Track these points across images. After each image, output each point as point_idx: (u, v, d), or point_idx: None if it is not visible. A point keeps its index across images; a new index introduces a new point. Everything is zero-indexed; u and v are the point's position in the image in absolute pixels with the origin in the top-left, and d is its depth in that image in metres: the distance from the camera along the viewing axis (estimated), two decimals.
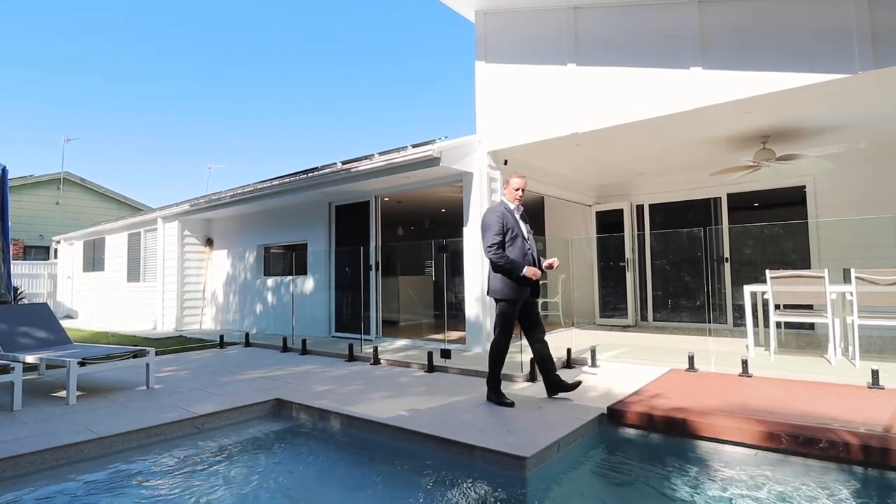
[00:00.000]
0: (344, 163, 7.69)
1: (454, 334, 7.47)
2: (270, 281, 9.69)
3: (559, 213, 10.17)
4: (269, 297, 9.59)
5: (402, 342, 7.41)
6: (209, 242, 11.05)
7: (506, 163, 6.90)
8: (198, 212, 10.21)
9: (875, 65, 4.42)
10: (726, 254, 8.66)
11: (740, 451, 3.20)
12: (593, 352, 5.48)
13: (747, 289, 5.86)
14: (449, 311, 8.60)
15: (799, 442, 3.05)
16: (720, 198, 8.79)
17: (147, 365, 5.00)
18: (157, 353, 5.33)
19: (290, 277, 9.13)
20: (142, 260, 11.67)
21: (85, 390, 4.91)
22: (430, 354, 5.49)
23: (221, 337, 8.05)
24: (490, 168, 6.72)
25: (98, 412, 4.13)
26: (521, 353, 5.21)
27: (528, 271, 4.13)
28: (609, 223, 9.57)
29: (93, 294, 13.67)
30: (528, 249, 4.27)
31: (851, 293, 5.09)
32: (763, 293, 5.72)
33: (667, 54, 5.44)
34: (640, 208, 9.52)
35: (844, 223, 7.42)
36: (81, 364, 4.56)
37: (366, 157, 7.32)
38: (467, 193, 6.69)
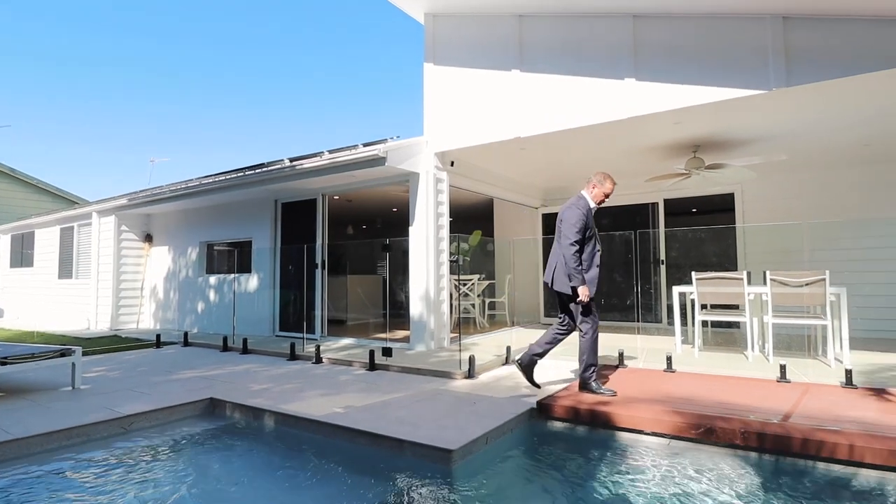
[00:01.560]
0: (291, 160, 7.59)
1: (401, 333, 7.53)
2: (213, 279, 9.43)
3: (507, 214, 10.39)
4: (212, 296, 9.33)
5: (347, 341, 7.40)
6: (148, 238, 10.63)
7: (452, 164, 7.01)
8: (137, 206, 9.81)
9: (788, 82, 4.79)
10: (662, 256, 9.11)
11: (656, 441, 3.41)
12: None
13: (676, 289, 6.21)
14: (396, 310, 8.64)
15: (708, 431, 3.28)
16: (657, 203, 9.23)
17: (73, 365, 4.80)
18: (86, 353, 5.13)
19: (233, 275, 8.92)
20: (75, 256, 11.10)
21: (5, 391, 4.66)
22: (371, 353, 5.52)
23: (158, 336, 7.78)
24: (437, 169, 6.81)
25: (17, 413, 3.94)
26: (459, 351, 5.32)
27: (581, 291, 4.07)
28: (554, 225, 9.84)
29: (20, 292, 12.87)
30: (597, 251, 4.33)
31: (767, 294, 5.49)
32: (690, 294, 6.07)
33: (604, 65, 5.70)
34: None
35: (765, 228, 7.97)
36: (1, 363, 4.33)
37: (314, 155, 7.26)
38: (413, 193, 6.75)
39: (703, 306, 6.28)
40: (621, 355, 5.36)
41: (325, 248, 7.91)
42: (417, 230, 6.67)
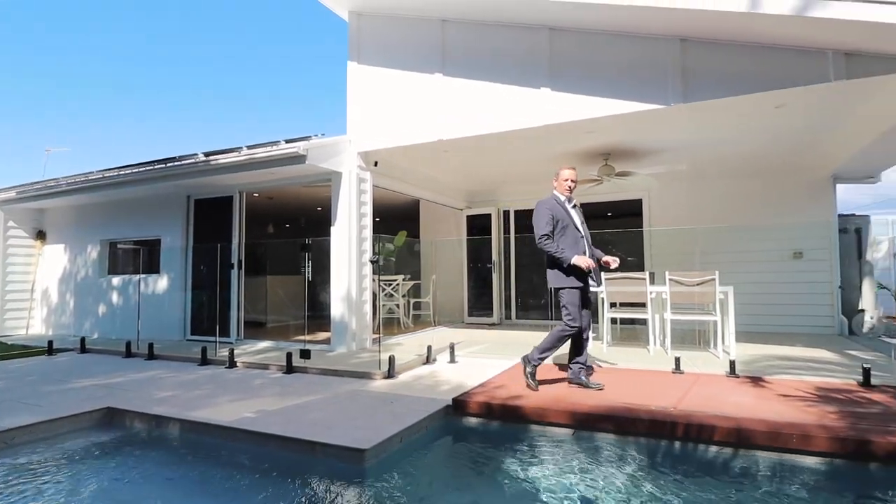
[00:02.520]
0: (206, 154, 7.22)
1: (323, 335, 7.38)
2: (116, 280, 8.76)
3: (433, 216, 10.50)
4: (115, 298, 8.66)
5: (264, 344, 7.15)
6: (41, 235, 9.68)
7: (376, 164, 6.99)
8: (27, 200, 8.90)
9: (685, 99, 5.23)
10: None
11: (563, 432, 3.60)
12: (452, 348, 5.77)
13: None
14: (319, 312, 8.47)
15: (610, 421, 3.52)
16: None
17: None
18: None
19: (139, 276, 8.33)
20: None
21: None
22: (289, 355, 5.39)
23: (51, 343, 7.11)
24: (360, 169, 6.76)
25: None
26: (379, 352, 5.31)
27: (579, 260, 4.14)
28: (479, 227, 10.09)
29: None
30: (581, 238, 4.34)
31: (666, 293, 5.95)
32: (600, 293, 6.45)
33: (522, 74, 5.92)
34: (506, 214, 10.17)
35: (667, 232, 8.63)
36: None
37: (232, 150, 6.95)
38: (336, 193, 6.66)
39: (613, 304, 6.70)
40: None
41: (242, 247, 7.60)
42: (339, 230, 6.59)
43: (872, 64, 4.64)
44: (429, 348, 5.73)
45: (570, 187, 4.46)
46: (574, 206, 4.52)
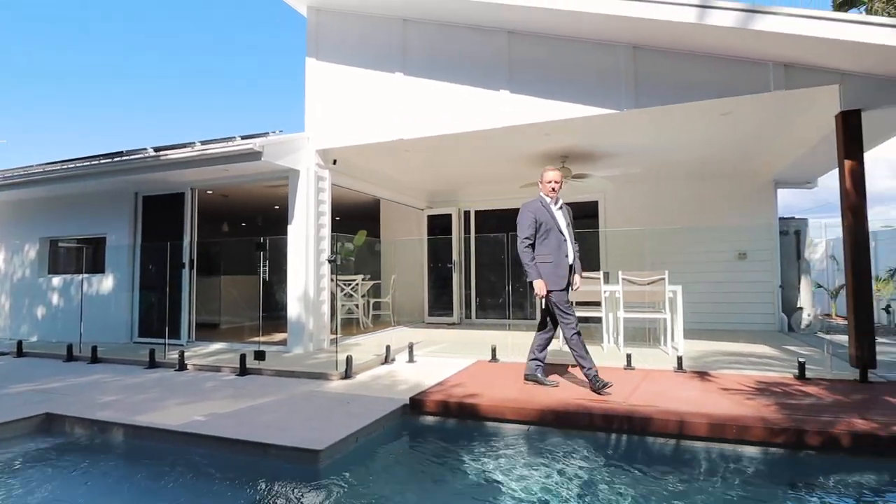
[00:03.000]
0: (157, 149, 6.95)
1: (280, 336, 7.23)
2: (57, 280, 8.31)
3: (394, 215, 10.47)
4: (55, 299, 8.22)
5: (217, 346, 6.95)
6: None
7: (335, 162, 6.91)
8: None
9: (636, 104, 5.41)
10: None
11: (517, 428, 3.66)
12: (411, 348, 5.76)
13: None
14: (276, 312, 8.28)
15: (563, 416, 3.60)
16: None
17: None
18: None
19: (81, 276, 7.93)
20: None
21: None
22: (242, 357, 5.25)
23: None
24: (318, 167, 6.67)
25: None
26: (336, 352, 5.25)
27: (537, 285, 4.19)
28: (440, 227, 10.12)
29: None
30: (564, 242, 4.31)
31: (619, 292, 6.14)
32: None
33: (482, 76, 5.98)
34: (466, 214, 10.24)
35: (621, 233, 8.90)
36: None
37: (184, 146, 6.72)
38: (293, 191, 6.54)
39: (570, 303, 6.84)
40: (494, 350, 5.66)
41: (194, 246, 7.35)
42: (297, 229, 6.47)
43: (808, 76, 4.93)
44: (387, 348, 5.70)
45: (554, 188, 4.43)
46: (560, 208, 4.48)
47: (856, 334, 4.75)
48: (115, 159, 6.91)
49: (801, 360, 4.68)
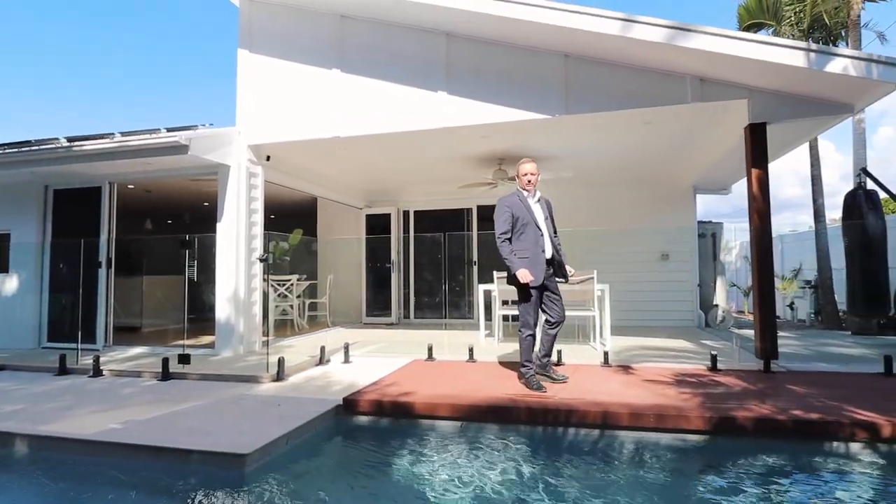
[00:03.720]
0: (70, 139, 6.44)
1: (208, 338, 6.90)
2: None
3: (332, 214, 10.29)
4: None
5: (138, 350, 6.54)
6: None
7: (268, 158, 6.69)
8: None
9: (567, 111, 5.63)
10: (475, 258, 9.92)
11: (451, 425, 3.70)
12: (346, 348, 5.69)
13: (480, 287, 6.83)
14: (205, 314, 7.90)
15: (495, 411, 3.69)
16: (471, 208, 10.03)
17: None
18: None
19: None
20: None
21: None
22: (164, 361, 4.98)
23: None
24: (250, 162, 6.44)
25: None
26: (268, 354, 5.10)
27: (521, 274, 4.08)
28: (378, 226, 10.05)
29: None
30: (542, 237, 4.21)
31: None
32: (493, 291, 6.72)
33: (420, 76, 6.01)
34: (406, 214, 10.23)
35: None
36: None
37: (101, 136, 6.27)
38: (223, 187, 6.27)
39: (505, 302, 7.01)
40: (430, 349, 5.69)
41: (112, 244, 6.87)
42: (227, 226, 6.21)
43: (721, 90, 5.33)
44: (322, 349, 5.60)
45: (530, 181, 4.36)
46: (538, 201, 4.41)
47: (760, 329, 5.18)
48: (22, 150, 6.34)
49: (713, 353, 5.04)
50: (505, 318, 7.58)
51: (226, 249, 6.17)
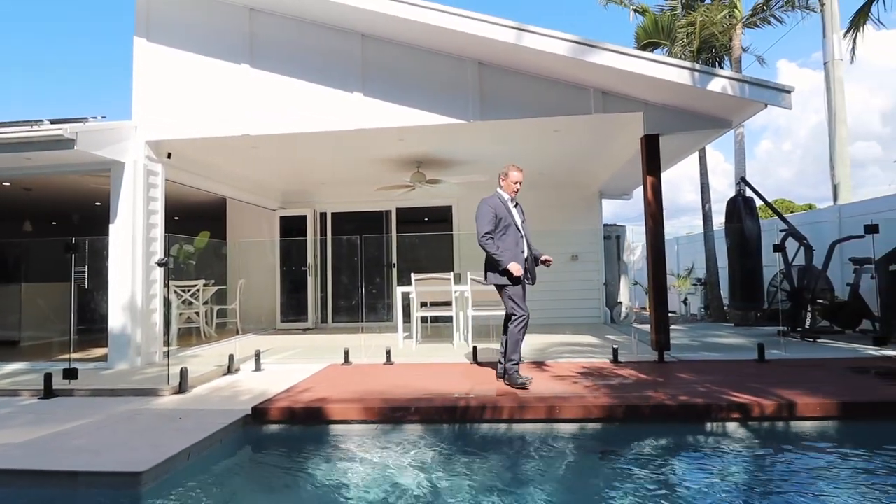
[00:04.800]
0: None
1: (99, 351, 6.31)
2: None
3: (243, 216, 9.82)
4: None
5: (15, 366, 5.84)
6: None
7: (169, 156, 6.25)
8: None
9: (482, 117, 5.79)
10: (394, 260, 9.90)
11: (365, 427, 3.67)
12: (258, 355, 5.45)
13: (399, 289, 6.84)
14: (97, 325, 7.22)
15: (410, 412, 3.71)
16: (391, 211, 10.00)
17: None
18: None
19: None
20: None
21: None
22: (47, 377, 4.49)
23: None
24: (149, 160, 5.98)
25: None
26: (168, 365, 4.77)
27: (513, 267, 4.17)
28: (293, 228, 9.72)
29: None
30: (521, 238, 4.36)
31: (468, 291, 6.50)
32: (411, 293, 6.75)
33: (335, 76, 5.91)
34: (323, 215, 10.00)
35: (471, 236, 9.39)
36: None
37: None
38: (117, 186, 5.77)
39: (424, 304, 7.07)
40: (347, 353, 5.61)
41: None
42: (122, 228, 5.72)
43: (620, 103, 5.74)
44: (230, 357, 5.32)
45: (517, 189, 4.54)
46: (516, 206, 4.58)
47: (655, 323, 5.64)
48: None
49: (615, 347, 5.41)
50: (423, 319, 7.64)
51: (120, 253, 5.68)
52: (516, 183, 4.54)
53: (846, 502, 2.54)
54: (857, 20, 6.73)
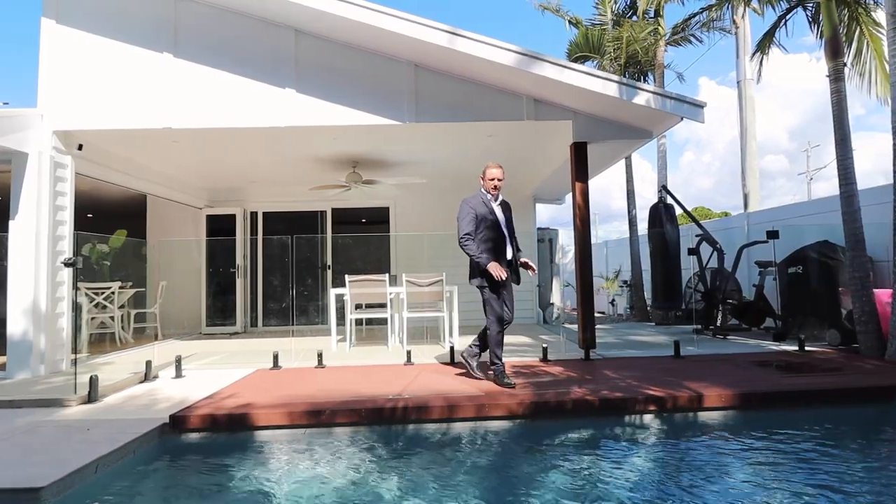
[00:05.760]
0: None
1: None
2: None
3: (166, 214, 9.29)
4: None
5: None
6: None
7: (80, 147, 5.79)
8: None
9: (417, 119, 5.81)
10: (329, 261, 9.70)
11: (292, 432, 3.57)
12: (179, 361, 5.16)
13: (332, 291, 6.71)
14: None
15: (339, 415, 3.65)
16: (326, 211, 9.80)
17: None
18: None
19: None
20: None
21: None
22: None
23: None
24: (57, 151, 5.51)
25: None
26: (76, 374, 4.42)
27: (492, 267, 4.06)
28: (222, 228, 9.30)
29: None
30: (503, 239, 4.28)
31: (403, 293, 6.49)
32: (345, 295, 6.64)
33: (267, 71, 5.72)
34: (254, 215, 9.64)
35: (407, 237, 9.44)
36: None
37: None
38: (19, 178, 5.26)
39: (358, 306, 6.97)
40: (276, 357, 5.43)
41: None
42: (23, 225, 5.23)
43: (551, 111, 5.96)
44: (148, 364, 5.01)
45: (496, 186, 4.42)
46: (500, 204, 4.48)
47: (582, 323, 5.88)
48: None
49: (545, 346, 5.60)
50: (358, 322, 7.54)
51: (21, 252, 5.19)
52: (493, 179, 4.45)
53: (747, 481, 2.77)
54: (763, 44, 7.36)
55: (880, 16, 6.04)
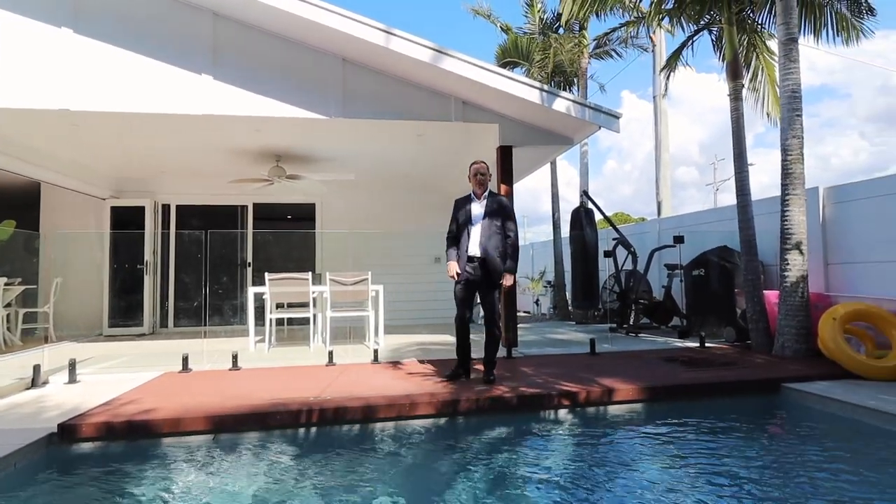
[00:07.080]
0: None
1: None
2: None
3: (62, 204, 8.47)
4: None
5: None
6: None
7: None
8: None
9: (344, 114, 5.70)
10: (249, 258, 9.28)
11: (200, 439, 3.37)
12: (73, 365, 4.71)
13: (251, 290, 6.42)
14: None
15: (250, 419, 3.48)
16: (247, 206, 9.37)
17: None
18: None
19: None
20: None
21: None
22: None
23: None
24: None
25: None
26: None
27: (448, 267, 4.38)
28: (129, 221, 8.62)
29: None
30: (468, 237, 4.34)
31: (327, 292, 6.33)
32: (265, 294, 6.37)
33: (181, 54, 5.39)
34: (165, 208, 9.03)
35: (333, 235, 9.24)
36: None
37: None
38: None
39: (279, 305, 6.72)
40: (185, 360, 5.11)
41: None
42: None
43: (478, 113, 6.05)
44: (35, 368, 4.53)
45: (480, 181, 4.46)
46: (487, 199, 4.46)
47: (505, 322, 6.01)
48: None
49: None
50: (279, 322, 7.27)
51: None
52: (475, 175, 4.51)
53: (652, 466, 2.95)
54: (671, 62, 7.90)
55: (774, 44, 6.67)
